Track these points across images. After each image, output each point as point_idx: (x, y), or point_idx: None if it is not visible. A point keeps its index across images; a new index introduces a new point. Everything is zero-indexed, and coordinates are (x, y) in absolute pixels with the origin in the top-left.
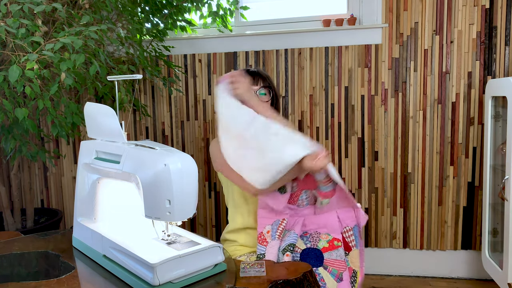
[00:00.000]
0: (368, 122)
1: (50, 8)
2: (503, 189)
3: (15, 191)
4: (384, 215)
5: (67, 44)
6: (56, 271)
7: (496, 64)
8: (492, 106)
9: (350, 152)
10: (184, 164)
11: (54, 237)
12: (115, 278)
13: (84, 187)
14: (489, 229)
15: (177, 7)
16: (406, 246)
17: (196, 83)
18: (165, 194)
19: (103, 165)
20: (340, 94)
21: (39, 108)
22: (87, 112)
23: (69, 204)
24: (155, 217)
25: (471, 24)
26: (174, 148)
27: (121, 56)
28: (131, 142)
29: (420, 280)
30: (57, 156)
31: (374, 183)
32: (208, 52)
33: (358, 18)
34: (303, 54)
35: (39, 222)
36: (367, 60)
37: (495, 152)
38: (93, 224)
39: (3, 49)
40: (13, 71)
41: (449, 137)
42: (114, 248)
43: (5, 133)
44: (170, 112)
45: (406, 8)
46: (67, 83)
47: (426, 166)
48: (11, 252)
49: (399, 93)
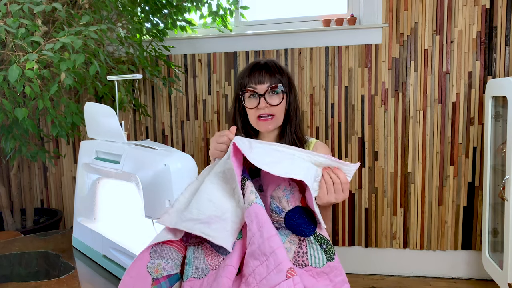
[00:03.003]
0: (368, 122)
1: (50, 8)
2: (503, 189)
3: (15, 191)
4: (384, 215)
5: (67, 44)
6: (56, 271)
7: (496, 64)
8: (492, 106)
9: (350, 152)
10: (184, 164)
11: (54, 237)
12: (115, 278)
13: (84, 187)
14: (489, 229)
15: (177, 7)
16: (406, 246)
17: (196, 83)
18: (165, 194)
19: (103, 165)
20: (340, 94)
21: (39, 108)
22: (87, 112)
23: (69, 204)
24: (155, 217)
25: (471, 24)
26: (174, 148)
27: (121, 56)
28: (131, 142)
29: (420, 280)
30: (57, 156)
31: (374, 183)
32: (208, 52)
33: (358, 18)
34: (303, 54)
35: (39, 222)
36: (367, 60)
37: (495, 152)
38: (93, 224)
39: (3, 49)
40: (13, 71)
41: (449, 137)
42: (114, 248)
43: (5, 133)
44: (170, 112)
45: (406, 8)
46: (67, 83)
47: (426, 166)
48: (11, 252)
49: (399, 93)
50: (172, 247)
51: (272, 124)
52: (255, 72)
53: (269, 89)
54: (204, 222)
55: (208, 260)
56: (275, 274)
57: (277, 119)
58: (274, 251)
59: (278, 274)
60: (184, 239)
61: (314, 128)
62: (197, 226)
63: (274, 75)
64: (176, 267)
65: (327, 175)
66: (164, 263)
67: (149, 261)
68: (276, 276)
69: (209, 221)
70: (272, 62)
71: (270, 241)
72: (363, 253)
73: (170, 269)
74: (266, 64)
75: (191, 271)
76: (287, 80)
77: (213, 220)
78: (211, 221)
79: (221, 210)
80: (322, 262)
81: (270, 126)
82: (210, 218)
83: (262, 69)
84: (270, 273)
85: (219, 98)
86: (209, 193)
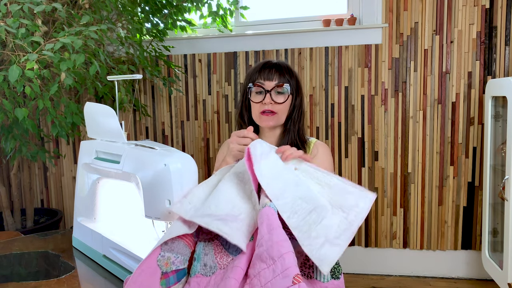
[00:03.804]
0: (368, 122)
1: (50, 8)
2: (503, 189)
3: (15, 191)
4: (384, 215)
5: (67, 44)
6: (56, 271)
7: (496, 64)
8: (492, 106)
9: (350, 152)
10: (184, 164)
11: (54, 237)
12: (115, 278)
13: (84, 187)
14: (489, 229)
15: (177, 7)
16: (406, 246)
17: (196, 83)
18: (165, 194)
19: (103, 165)
20: (340, 94)
21: (39, 108)
22: (87, 112)
23: (69, 204)
24: (155, 217)
25: (471, 24)
26: (174, 148)
27: (121, 56)
28: (131, 142)
29: (420, 280)
30: (57, 156)
31: (374, 183)
32: (208, 52)
33: (358, 18)
34: (303, 54)
35: (39, 222)
36: (367, 60)
37: (495, 152)
38: (93, 224)
39: (3, 49)
40: (13, 71)
41: (449, 137)
42: (114, 248)
43: (5, 133)
44: (170, 112)
45: (406, 8)
46: (67, 83)
47: (426, 166)
48: (11, 252)
49: (399, 93)
50: (183, 242)
51: (273, 121)
52: (265, 69)
53: (276, 86)
54: (221, 219)
55: (217, 258)
56: (280, 279)
57: (278, 117)
58: (282, 255)
59: (284, 279)
60: (195, 233)
61: (314, 128)
62: (215, 223)
63: (283, 74)
64: (184, 262)
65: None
66: (174, 257)
67: (160, 253)
68: (282, 281)
69: (226, 218)
70: (284, 63)
71: (279, 245)
72: (363, 253)
73: (179, 263)
74: (278, 64)
75: (199, 267)
76: (296, 83)
77: (231, 219)
78: (228, 219)
79: (238, 210)
80: (327, 278)
81: (271, 122)
82: (227, 216)
83: (272, 67)
84: (276, 277)
85: (219, 98)
86: (228, 193)
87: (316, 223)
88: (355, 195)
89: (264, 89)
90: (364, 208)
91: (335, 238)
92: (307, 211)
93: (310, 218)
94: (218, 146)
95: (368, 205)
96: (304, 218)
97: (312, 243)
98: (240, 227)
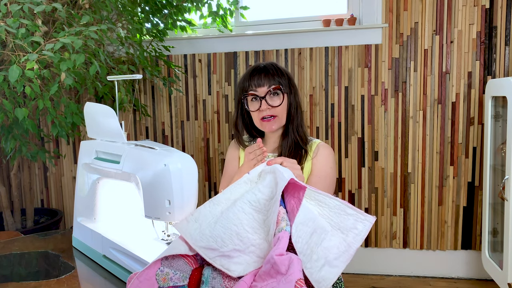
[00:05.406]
0: (368, 122)
1: (50, 8)
2: (503, 189)
3: (15, 191)
4: (384, 215)
5: (67, 44)
6: (56, 271)
7: (496, 64)
8: (492, 106)
9: (350, 152)
10: (184, 164)
11: (54, 237)
12: (115, 278)
13: (84, 187)
14: (489, 229)
15: (177, 7)
16: (406, 246)
17: (196, 83)
18: (165, 194)
19: (103, 165)
20: (340, 94)
21: (39, 108)
22: (87, 112)
23: (69, 204)
24: (155, 217)
25: (471, 24)
26: (174, 148)
27: (121, 56)
28: (131, 142)
29: (420, 280)
30: (57, 156)
31: (374, 183)
32: (208, 52)
33: (358, 18)
34: (303, 54)
35: (39, 222)
36: (367, 60)
37: (495, 152)
38: (93, 224)
39: (3, 49)
40: (13, 71)
41: (449, 137)
42: (114, 248)
43: (5, 133)
44: (170, 112)
45: (406, 8)
46: (67, 83)
47: (426, 166)
48: (11, 252)
49: (399, 93)
50: (183, 260)
51: (275, 124)
52: (254, 75)
53: (269, 91)
54: (226, 255)
55: (225, 282)
56: (283, 284)
57: (279, 119)
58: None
59: (287, 284)
60: (198, 256)
61: (314, 128)
62: (218, 259)
63: (273, 77)
64: (184, 279)
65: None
66: (173, 273)
67: (159, 268)
68: (285, 285)
69: (231, 254)
70: (270, 65)
71: (283, 258)
72: (363, 253)
73: (177, 280)
74: (265, 67)
75: None
76: (287, 81)
77: (235, 254)
78: (233, 254)
79: (246, 244)
80: None
81: (273, 126)
82: (232, 252)
83: (261, 72)
84: (279, 282)
85: (219, 98)
86: (237, 225)
87: (317, 244)
88: (354, 217)
89: (258, 96)
90: (363, 231)
91: (334, 260)
92: (308, 234)
93: (312, 240)
94: (218, 146)
95: (367, 228)
96: (307, 242)
97: (313, 266)
98: (247, 260)
